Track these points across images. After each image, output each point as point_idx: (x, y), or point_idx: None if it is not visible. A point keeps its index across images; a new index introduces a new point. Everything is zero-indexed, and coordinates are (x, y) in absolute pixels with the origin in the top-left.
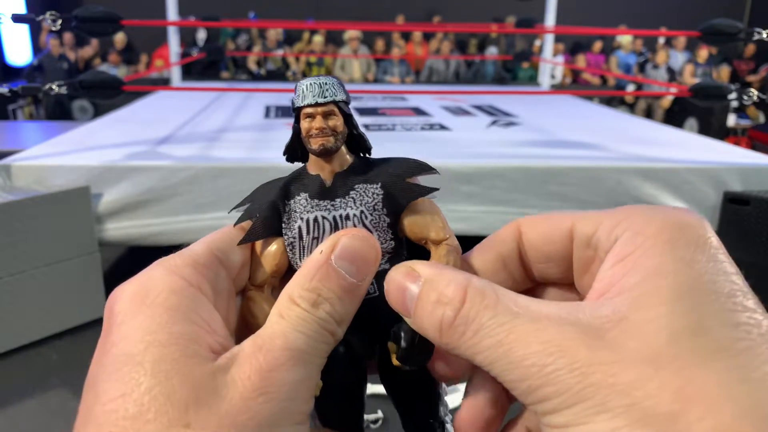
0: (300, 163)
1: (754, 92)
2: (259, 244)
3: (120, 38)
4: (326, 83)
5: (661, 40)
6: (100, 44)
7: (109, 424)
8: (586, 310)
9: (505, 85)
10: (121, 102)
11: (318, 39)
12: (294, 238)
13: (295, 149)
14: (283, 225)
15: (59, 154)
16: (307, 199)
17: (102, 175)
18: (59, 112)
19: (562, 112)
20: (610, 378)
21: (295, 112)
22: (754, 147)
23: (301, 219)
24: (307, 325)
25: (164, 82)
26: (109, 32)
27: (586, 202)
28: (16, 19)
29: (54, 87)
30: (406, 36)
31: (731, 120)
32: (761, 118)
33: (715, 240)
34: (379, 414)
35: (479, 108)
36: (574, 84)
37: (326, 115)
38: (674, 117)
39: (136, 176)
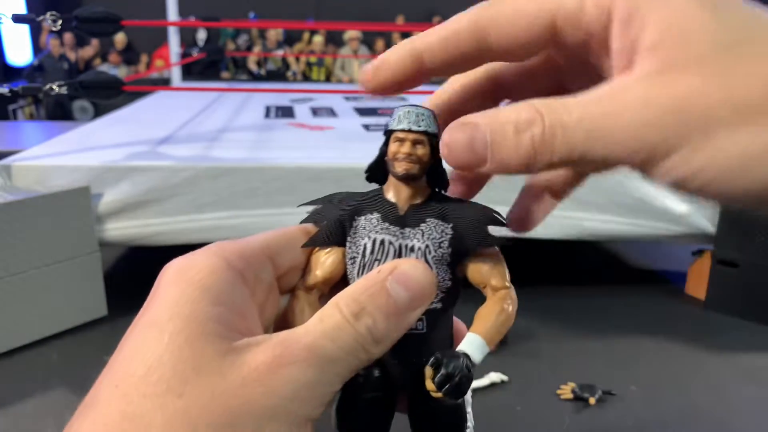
0: (376, 185)
1: None
2: (318, 249)
3: (120, 38)
4: (423, 113)
5: None
6: (101, 44)
7: (119, 378)
8: (639, 71)
9: None
10: (122, 102)
11: (318, 39)
12: (357, 253)
13: (377, 170)
14: (348, 239)
15: (59, 155)
16: (378, 220)
17: (102, 176)
18: (59, 112)
19: None
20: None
21: (386, 134)
22: None
23: (369, 237)
24: (341, 335)
25: (164, 83)
26: (110, 32)
27: (586, 202)
28: (17, 19)
29: (54, 87)
30: (406, 36)
31: None
32: None
33: None
34: None
35: None
36: None
37: (415, 143)
38: None
39: (136, 176)
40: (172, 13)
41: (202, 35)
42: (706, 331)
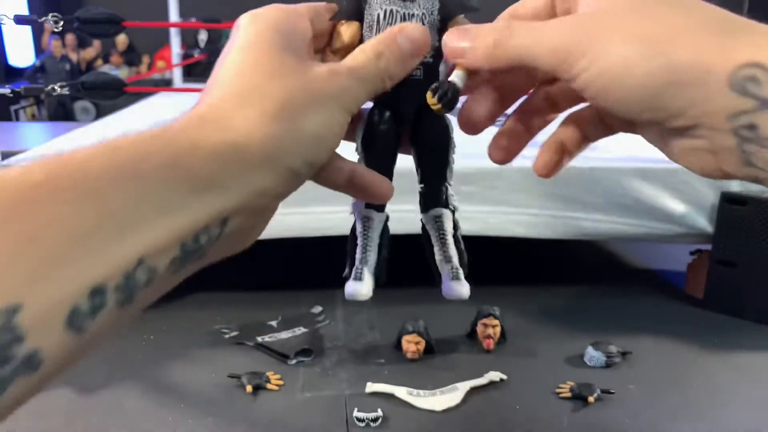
0: None
1: None
2: (342, 22)
3: (122, 39)
4: None
5: None
6: (102, 45)
7: (218, 91)
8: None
9: None
10: (123, 103)
11: None
12: (373, 21)
13: None
14: (365, 11)
15: None
16: None
17: None
18: (61, 113)
19: None
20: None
21: None
22: None
23: (381, 8)
24: (369, 66)
25: (166, 84)
26: (111, 33)
27: (586, 202)
28: (19, 20)
29: (56, 88)
30: None
31: None
32: None
33: None
34: (379, 413)
35: None
36: None
37: None
38: None
39: None
40: (174, 14)
41: (203, 36)
42: (704, 330)
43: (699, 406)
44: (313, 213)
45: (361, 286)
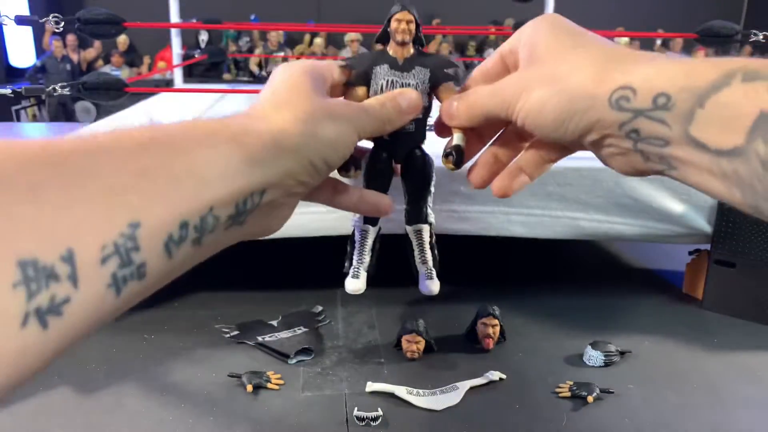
0: (381, 46)
1: None
2: (355, 87)
3: (123, 40)
4: (412, 7)
5: (658, 42)
6: (103, 46)
7: (261, 103)
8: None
9: None
10: (124, 104)
11: (319, 41)
12: (378, 87)
13: (382, 38)
14: (372, 79)
15: None
16: (388, 68)
17: None
18: (62, 113)
19: None
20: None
21: (389, 17)
22: None
23: (384, 79)
24: (374, 110)
25: (167, 84)
26: (112, 34)
27: (585, 202)
28: (20, 21)
29: (57, 88)
30: None
31: None
32: None
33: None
34: (379, 412)
35: None
36: None
37: (408, 22)
38: None
39: None
40: (174, 15)
41: (204, 37)
42: (703, 330)
43: (698, 405)
44: (313, 213)
45: (357, 283)
